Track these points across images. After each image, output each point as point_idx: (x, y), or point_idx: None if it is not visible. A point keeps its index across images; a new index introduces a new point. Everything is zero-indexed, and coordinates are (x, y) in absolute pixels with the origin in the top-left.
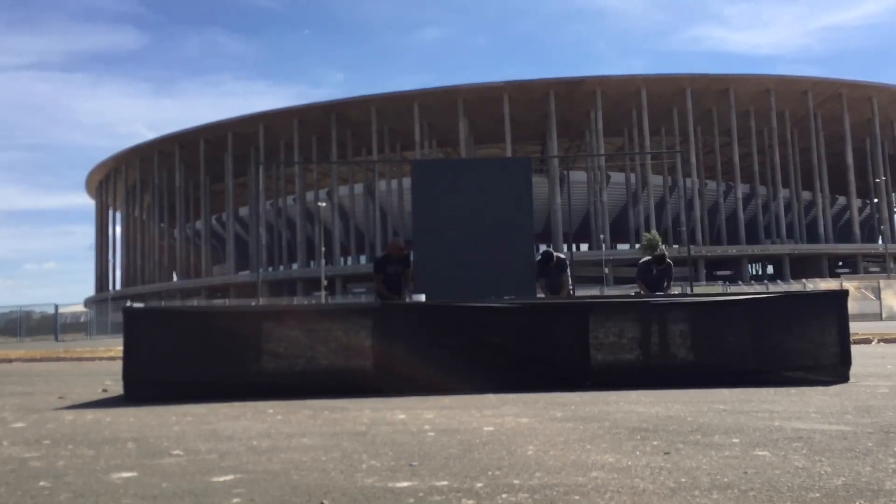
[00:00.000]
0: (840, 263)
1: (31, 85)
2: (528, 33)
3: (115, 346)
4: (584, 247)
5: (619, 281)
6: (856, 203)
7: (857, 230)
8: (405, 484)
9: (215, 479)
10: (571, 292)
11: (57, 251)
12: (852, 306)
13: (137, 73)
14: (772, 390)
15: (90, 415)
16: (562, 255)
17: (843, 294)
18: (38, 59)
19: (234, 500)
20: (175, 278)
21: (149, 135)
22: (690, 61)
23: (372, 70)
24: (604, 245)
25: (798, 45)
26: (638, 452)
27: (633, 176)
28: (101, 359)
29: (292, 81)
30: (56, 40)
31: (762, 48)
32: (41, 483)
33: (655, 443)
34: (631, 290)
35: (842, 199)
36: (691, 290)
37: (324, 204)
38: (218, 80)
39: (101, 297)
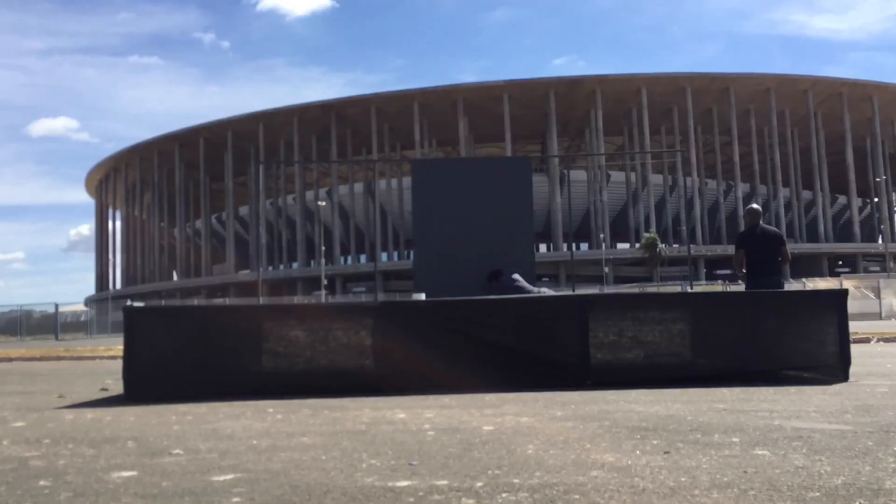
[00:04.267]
0: (840, 263)
1: (76, 70)
2: (605, 13)
3: (116, 346)
4: (584, 246)
5: (620, 280)
6: (856, 202)
7: (857, 229)
8: (405, 483)
9: (215, 478)
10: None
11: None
12: (852, 305)
13: (189, 57)
14: (771, 389)
15: (90, 414)
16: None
17: (842, 293)
18: (89, 42)
19: (234, 500)
20: (175, 277)
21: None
22: (765, 46)
23: (435, 56)
24: (604, 244)
25: (879, 30)
26: (638, 451)
27: (633, 175)
28: (101, 358)
29: (348, 68)
30: (115, 21)
31: (842, 33)
32: (41, 482)
33: (655, 442)
34: (632, 288)
35: (842, 199)
36: (691, 289)
37: (324, 203)
38: (271, 66)
39: (102, 297)
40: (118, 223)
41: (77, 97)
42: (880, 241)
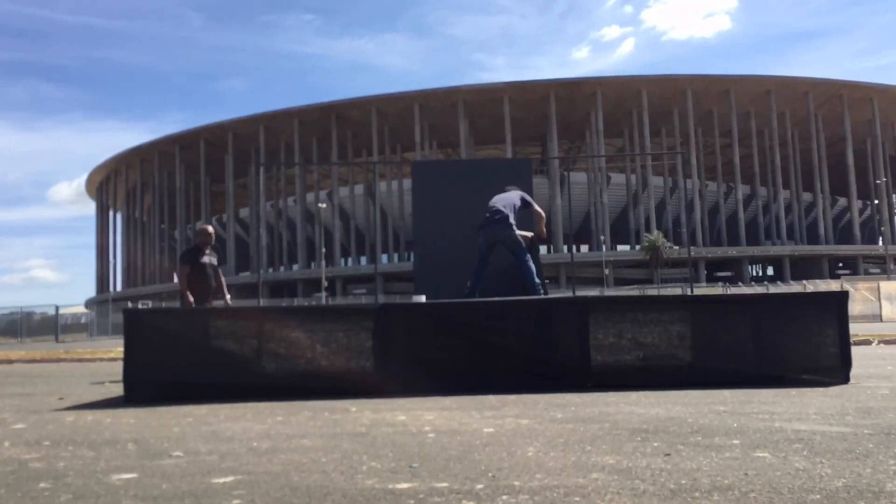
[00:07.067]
0: (840, 265)
1: None
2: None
3: (116, 347)
4: (584, 248)
5: (620, 282)
6: (856, 204)
7: (857, 231)
8: (405, 485)
9: (215, 480)
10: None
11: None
12: (852, 308)
13: None
14: (772, 391)
15: (90, 416)
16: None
17: (843, 295)
18: None
19: (235, 502)
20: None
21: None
22: None
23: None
24: (604, 246)
25: None
26: (638, 454)
27: (633, 177)
28: (101, 360)
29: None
30: None
31: None
32: (41, 484)
33: (656, 444)
34: (632, 290)
35: (842, 201)
36: (691, 291)
37: (324, 205)
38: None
39: (102, 299)
40: (119, 225)
41: None
42: (881, 242)
